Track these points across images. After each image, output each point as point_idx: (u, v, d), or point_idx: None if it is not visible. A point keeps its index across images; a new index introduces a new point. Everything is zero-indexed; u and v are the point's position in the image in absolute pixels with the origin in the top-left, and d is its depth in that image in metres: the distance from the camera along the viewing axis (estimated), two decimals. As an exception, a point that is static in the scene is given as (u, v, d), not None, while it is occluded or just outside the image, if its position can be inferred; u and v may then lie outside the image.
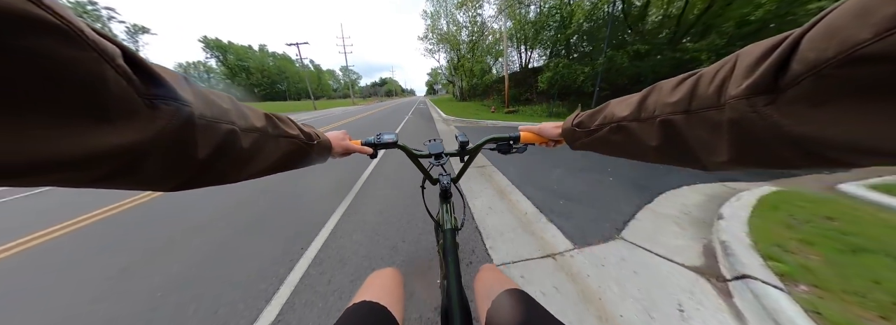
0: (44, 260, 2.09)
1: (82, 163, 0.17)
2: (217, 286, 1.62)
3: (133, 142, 0.19)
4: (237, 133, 0.29)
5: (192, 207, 2.85)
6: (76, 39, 0.15)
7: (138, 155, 0.20)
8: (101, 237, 2.37)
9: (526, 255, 1.72)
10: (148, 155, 0.20)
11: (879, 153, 0.17)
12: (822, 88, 0.17)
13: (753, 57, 0.22)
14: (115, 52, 0.18)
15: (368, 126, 10.46)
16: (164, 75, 0.22)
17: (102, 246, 2.21)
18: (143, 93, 0.19)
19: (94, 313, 1.48)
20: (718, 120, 0.25)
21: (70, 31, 0.15)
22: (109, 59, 0.17)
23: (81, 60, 0.15)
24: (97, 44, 0.16)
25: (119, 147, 0.18)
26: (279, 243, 2.04)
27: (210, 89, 0.29)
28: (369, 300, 0.54)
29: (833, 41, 0.16)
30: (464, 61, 28.95)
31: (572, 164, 3.75)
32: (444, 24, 29.04)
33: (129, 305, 1.52)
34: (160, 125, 0.20)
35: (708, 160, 0.28)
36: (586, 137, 0.45)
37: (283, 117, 0.40)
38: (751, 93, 0.21)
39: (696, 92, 0.27)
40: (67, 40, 0.15)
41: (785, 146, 0.21)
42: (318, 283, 1.59)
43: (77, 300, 1.60)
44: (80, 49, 0.15)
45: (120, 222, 2.66)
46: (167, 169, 0.23)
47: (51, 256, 2.15)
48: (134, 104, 0.19)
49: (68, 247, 2.26)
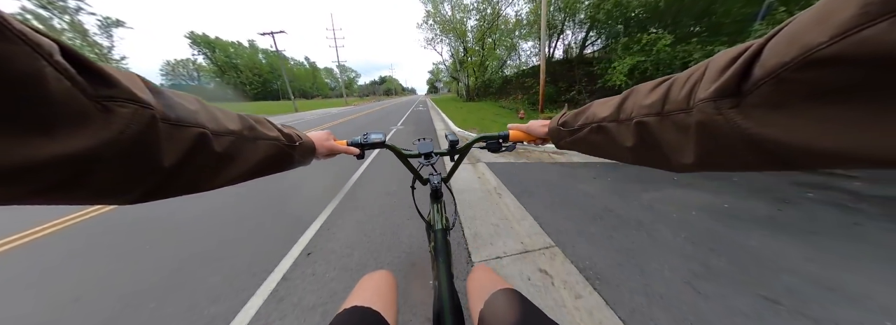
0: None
1: (16, 176, 0.15)
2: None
3: (81, 149, 0.17)
4: (208, 137, 0.27)
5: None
6: (1, 31, 0.13)
7: (87, 164, 0.18)
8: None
9: None
10: (100, 164, 0.18)
11: (836, 157, 0.17)
12: (781, 91, 0.18)
13: (721, 63, 0.23)
14: (52, 47, 0.16)
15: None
16: (115, 75, 0.20)
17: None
18: (91, 94, 0.17)
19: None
20: (688, 123, 0.25)
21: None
22: (46, 54, 0.15)
23: (9, 53, 0.13)
24: (27, 36, 0.14)
25: (62, 156, 0.16)
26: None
27: (173, 90, 0.26)
28: (361, 306, 0.52)
29: (793, 46, 0.17)
30: (471, 52, 24.08)
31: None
32: (447, 9, 24.13)
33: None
34: (115, 130, 0.18)
35: (676, 162, 0.29)
36: (570, 137, 0.45)
37: (260, 119, 0.38)
38: (717, 96, 0.22)
39: (669, 95, 0.28)
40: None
41: (747, 149, 0.21)
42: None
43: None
44: (7, 41, 0.13)
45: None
46: (125, 179, 0.21)
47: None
48: (80, 107, 0.17)
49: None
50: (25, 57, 0.14)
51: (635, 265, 1.63)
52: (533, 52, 20.01)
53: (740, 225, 2.05)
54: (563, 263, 1.69)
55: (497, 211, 2.43)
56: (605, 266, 1.64)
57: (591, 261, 1.69)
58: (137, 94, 0.20)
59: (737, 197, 2.53)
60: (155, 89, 0.23)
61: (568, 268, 1.64)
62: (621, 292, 1.44)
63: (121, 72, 0.21)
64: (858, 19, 0.14)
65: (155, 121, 0.21)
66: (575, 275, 1.58)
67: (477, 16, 22.78)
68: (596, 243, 1.88)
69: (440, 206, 0.82)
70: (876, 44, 0.13)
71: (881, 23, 0.13)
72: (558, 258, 1.74)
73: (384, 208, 2.58)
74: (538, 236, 2.01)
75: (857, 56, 0.14)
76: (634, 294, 1.42)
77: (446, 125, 8.66)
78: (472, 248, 1.87)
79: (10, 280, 1.81)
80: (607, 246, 1.84)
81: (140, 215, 2.64)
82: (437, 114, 13.04)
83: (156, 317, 1.41)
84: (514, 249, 1.85)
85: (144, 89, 0.22)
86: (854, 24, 0.14)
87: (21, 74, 0.14)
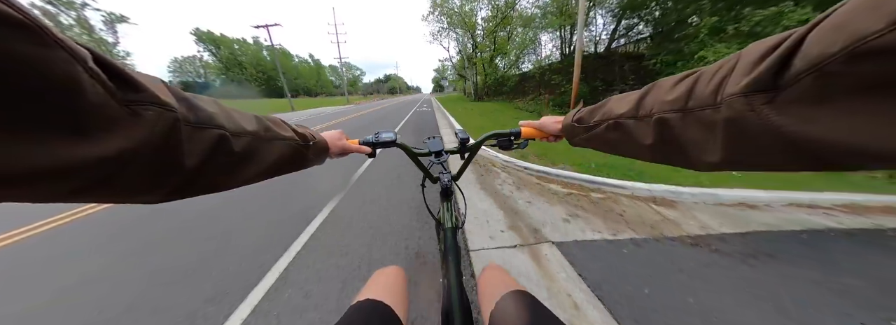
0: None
1: (56, 176, 0.16)
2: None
3: (114, 152, 0.17)
4: (227, 138, 0.28)
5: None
6: (42, 36, 0.13)
7: (119, 165, 0.18)
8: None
9: None
10: (130, 165, 0.19)
11: (883, 157, 0.16)
12: (825, 85, 0.16)
13: (755, 55, 0.21)
14: (85, 55, 0.16)
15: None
16: (141, 79, 0.20)
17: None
18: (120, 99, 0.18)
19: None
20: (714, 119, 0.24)
21: (34, 27, 0.13)
22: (81, 60, 0.15)
23: (51, 60, 0.14)
24: (65, 43, 0.15)
25: (98, 158, 0.17)
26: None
27: (193, 94, 0.27)
28: (373, 299, 0.53)
29: (840, 35, 0.15)
30: (482, 47, 21.85)
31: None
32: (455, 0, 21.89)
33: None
34: (143, 133, 0.19)
35: (699, 161, 0.28)
36: (585, 134, 0.44)
37: (275, 119, 0.39)
38: (749, 90, 0.20)
39: (695, 91, 0.26)
40: (32, 37, 0.13)
41: (781, 148, 0.20)
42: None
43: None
44: (48, 47, 0.14)
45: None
46: (152, 179, 0.22)
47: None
48: (113, 111, 0.17)
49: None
50: (63, 63, 0.14)
51: None
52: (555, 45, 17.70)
53: None
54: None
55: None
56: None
57: None
58: (162, 97, 0.21)
59: None
60: (177, 93, 0.24)
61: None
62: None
63: (146, 77, 0.21)
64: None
65: (178, 123, 0.22)
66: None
67: (489, 5, 20.45)
68: None
69: (450, 204, 0.80)
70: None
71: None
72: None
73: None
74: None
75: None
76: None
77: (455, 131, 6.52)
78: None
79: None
80: None
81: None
82: (444, 117, 10.85)
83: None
84: None
85: (168, 93, 0.22)
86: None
87: (61, 79, 0.14)
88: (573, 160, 3.82)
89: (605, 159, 3.64)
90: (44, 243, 2.26)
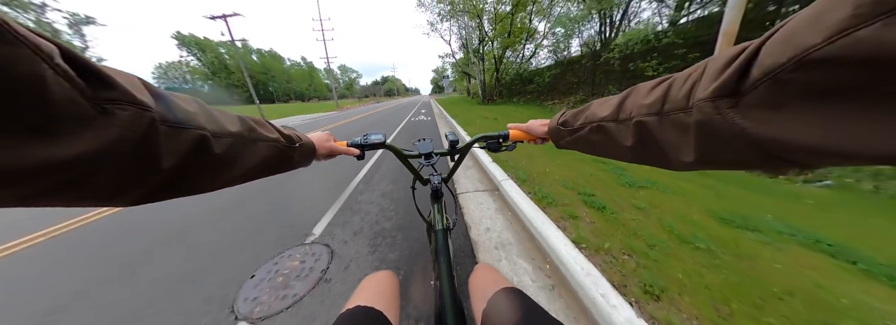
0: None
1: (19, 179, 0.15)
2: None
3: (82, 153, 0.17)
4: (208, 139, 0.27)
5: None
6: (2, 33, 0.13)
7: (89, 167, 0.18)
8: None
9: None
10: (103, 167, 0.18)
11: (834, 155, 0.17)
12: (778, 92, 0.18)
13: (720, 63, 0.23)
14: (52, 50, 0.16)
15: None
16: (116, 77, 0.19)
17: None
18: (90, 96, 0.17)
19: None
20: (687, 122, 0.25)
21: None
22: (46, 57, 0.15)
23: (12, 56, 0.13)
24: (28, 39, 0.14)
25: (64, 158, 0.16)
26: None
27: (172, 92, 0.26)
28: (364, 305, 0.52)
29: (788, 47, 0.17)
30: (497, 33, 17.29)
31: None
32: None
33: None
34: (115, 133, 0.18)
35: (676, 161, 0.29)
36: (570, 136, 0.45)
37: (259, 120, 0.38)
38: (716, 95, 0.22)
39: (669, 95, 0.28)
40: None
41: (746, 148, 0.21)
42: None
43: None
44: (9, 44, 0.13)
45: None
46: (126, 181, 0.21)
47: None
48: (81, 110, 0.17)
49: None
50: (27, 60, 0.14)
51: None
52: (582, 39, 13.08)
53: None
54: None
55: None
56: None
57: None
58: (137, 96, 0.20)
59: None
60: (155, 91, 0.23)
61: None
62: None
63: (122, 74, 0.21)
64: (852, 20, 0.14)
65: (155, 123, 0.21)
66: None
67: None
68: None
69: (441, 206, 0.82)
70: (869, 44, 0.13)
71: (874, 24, 0.13)
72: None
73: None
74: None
75: (850, 56, 0.14)
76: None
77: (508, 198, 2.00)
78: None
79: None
80: None
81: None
82: (456, 131, 6.36)
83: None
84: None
85: (144, 91, 0.21)
86: (847, 25, 0.14)
87: (23, 77, 0.14)
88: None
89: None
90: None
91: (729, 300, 1.15)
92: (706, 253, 1.51)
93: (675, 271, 1.33)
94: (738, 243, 1.71)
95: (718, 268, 1.38)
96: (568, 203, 2.06)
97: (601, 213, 1.95)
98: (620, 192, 2.45)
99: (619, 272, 1.31)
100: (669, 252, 1.49)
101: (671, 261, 1.41)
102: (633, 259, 1.42)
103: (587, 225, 1.77)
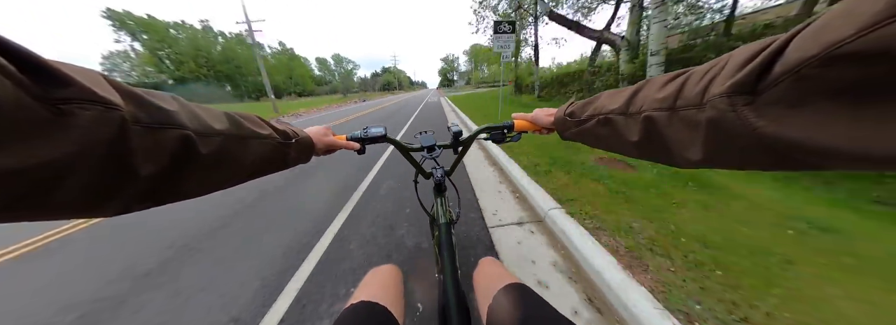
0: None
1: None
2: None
3: (40, 162, 0.15)
4: (192, 138, 0.25)
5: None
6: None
7: (50, 177, 0.16)
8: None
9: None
10: (65, 177, 0.16)
11: (853, 158, 0.16)
12: (800, 89, 0.17)
13: (742, 57, 0.21)
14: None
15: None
16: (71, 73, 0.17)
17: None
18: (40, 96, 0.15)
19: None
20: (698, 119, 0.25)
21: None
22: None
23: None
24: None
25: (15, 170, 0.14)
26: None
27: (145, 89, 0.23)
28: (368, 300, 0.52)
29: (817, 41, 0.16)
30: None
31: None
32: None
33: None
34: (77, 137, 0.16)
35: (681, 158, 0.28)
36: (575, 128, 0.44)
37: (249, 116, 0.36)
38: (732, 91, 0.21)
39: (683, 90, 0.27)
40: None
41: (758, 148, 0.21)
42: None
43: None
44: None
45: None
46: (99, 191, 0.19)
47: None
48: (31, 112, 0.15)
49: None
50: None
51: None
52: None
53: None
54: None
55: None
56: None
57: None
58: (100, 93, 0.18)
59: None
60: (123, 88, 0.21)
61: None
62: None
63: (77, 69, 0.18)
64: (888, 12, 0.13)
65: (125, 124, 0.19)
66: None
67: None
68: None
69: (444, 199, 0.82)
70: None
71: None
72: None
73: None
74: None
75: (884, 50, 0.13)
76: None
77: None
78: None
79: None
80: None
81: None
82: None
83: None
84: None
85: (109, 88, 0.19)
86: (883, 17, 0.13)
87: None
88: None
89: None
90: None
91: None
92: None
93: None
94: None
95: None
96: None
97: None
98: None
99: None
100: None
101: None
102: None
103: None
